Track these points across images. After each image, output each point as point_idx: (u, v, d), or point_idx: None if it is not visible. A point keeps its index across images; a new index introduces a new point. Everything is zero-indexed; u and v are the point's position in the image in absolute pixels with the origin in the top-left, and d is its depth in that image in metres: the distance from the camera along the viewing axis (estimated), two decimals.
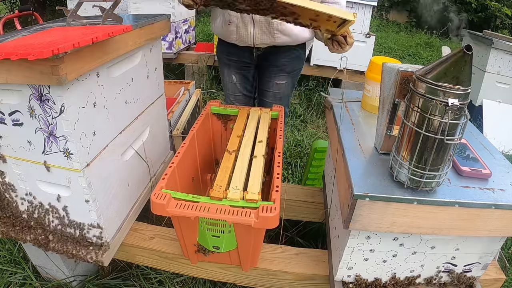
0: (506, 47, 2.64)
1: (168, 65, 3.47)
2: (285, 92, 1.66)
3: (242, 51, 1.55)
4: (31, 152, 0.95)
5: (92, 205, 1.00)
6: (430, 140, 0.77)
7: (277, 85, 1.62)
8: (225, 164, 1.10)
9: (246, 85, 1.69)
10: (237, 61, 1.60)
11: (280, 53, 1.54)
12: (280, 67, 1.57)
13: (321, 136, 2.67)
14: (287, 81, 1.62)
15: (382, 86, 0.94)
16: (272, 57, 1.55)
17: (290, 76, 1.61)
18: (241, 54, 1.56)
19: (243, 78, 1.66)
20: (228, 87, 1.71)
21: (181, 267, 1.19)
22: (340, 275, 1.01)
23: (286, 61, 1.56)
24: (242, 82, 1.67)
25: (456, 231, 0.86)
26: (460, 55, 0.68)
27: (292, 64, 1.59)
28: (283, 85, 1.63)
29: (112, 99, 1.04)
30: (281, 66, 1.57)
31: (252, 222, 0.89)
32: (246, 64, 1.61)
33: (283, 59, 1.55)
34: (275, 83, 1.62)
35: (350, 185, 0.85)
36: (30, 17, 3.41)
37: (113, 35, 0.87)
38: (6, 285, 1.32)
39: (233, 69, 1.63)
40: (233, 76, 1.65)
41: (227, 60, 1.62)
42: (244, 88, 1.69)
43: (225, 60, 1.63)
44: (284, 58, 1.55)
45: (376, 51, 4.57)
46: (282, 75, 1.60)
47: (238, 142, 1.23)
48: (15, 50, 0.71)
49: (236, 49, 1.54)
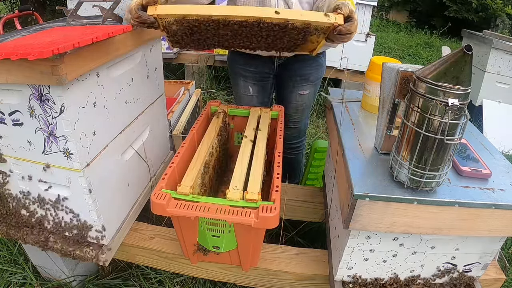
0: (506, 47, 2.64)
1: (168, 65, 3.47)
2: (307, 103, 1.55)
3: (262, 61, 1.44)
4: (31, 152, 0.95)
5: (92, 205, 1.00)
6: (430, 140, 0.77)
7: (300, 96, 1.51)
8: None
9: (263, 97, 1.58)
10: (256, 71, 1.48)
11: (305, 61, 1.43)
12: (305, 76, 1.47)
13: (321, 136, 2.67)
14: (310, 90, 1.51)
15: (382, 86, 0.94)
16: (296, 65, 1.44)
17: (314, 85, 1.51)
18: (260, 64, 1.45)
19: (261, 89, 1.55)
20: (243, 99, 1.58)
21: (181, 267, 1.19)
22: (340, 275, 1.01)
23: (311, 69, 1.46)
24: (259, 94, 1.56)
25: (456, 231, 0.86)
26: (460, 55, 0.68)
27: (317, 72, 1.49)
28: (306, 96, 1.52)
29: (112, 99, 1.04)
30: (306, 75, 1.46)
31: (252, 222, 0.89)
32: (265, 75, 1.49)
33: (308, 67, 1.45)
34: (299, 94, 1.50)
35: (350, 185, 0.85)
36: (30, 17, 3.41)
37: (113, 35, 0.87)
38: (6, 285, 1.32)
39: (250, 81, 1.51)
40: (250, 88, 1.53)
41: (243, 71, 1.50)
42: (261, 100, 1.58)
43: (241, 71, 1.51)
44: (309, 66, 1.45)
45: (376, 51, 4.56)
46: (306, 85, 1.49)
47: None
48: (15, 50, 0.71)
49: (255, 59, 1.43)
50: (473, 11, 5.78)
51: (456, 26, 5.84)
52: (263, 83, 1.53)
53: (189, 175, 1.04)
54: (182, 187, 0.98)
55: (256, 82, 1.52)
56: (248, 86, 1.53)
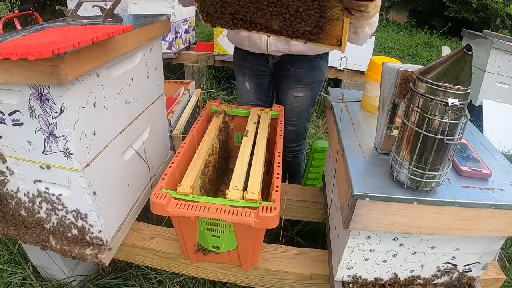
0: (506, 47, 2.64)
1: (168, 65, 3.47)
2: (304, 106, 1.54)
3: (257, 58, 1.47)
4: (31, 152, 0.95)
5: (92, 205, 1.00)
6: (430, 140, 0.77)
7: (295, 98, 1.51)
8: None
9: (260, 95, 1.59)
10: (251, 68, 1.52)
11: (297, 62, 1.43)
12: (298, 77, 1.46)
13: (321, 136, 2.67)
14: (306, 94, 1.50)
15: (382, 86, 0.94)
16: (289, 66, 1.44)
17: (309, 88, 1.49)
18: (255, 61, 1.48)
19: (257, 86, 1.57)
20: (242, 95, 1.64)
21: (181, 267, 1.19)
22: (340, 275, 1.01)
23: (305, 71, 1.44)
24: (256, 91, 1.58)
25: (456, 231, 0.86)
26: (460, 55, 0.68)
27: (311, 75, 1.46)
28: (301, 99, 1.51)
29: (112, 99, 1.04)
30: (299, 77, 1.46)
31: (252, 222, 0.89)
32: (261, 72, 1.52)
33: (301, 69, 1.44)
34: (293, 96, 1.50)
35: (350, 185, 0.85)
36: (30, 17, 3.41)
37: (113, 35, 0.87)
38: (6, 285, 1.32)
39: (247, 77, 1.56)
40: (246, 84, 1.57)
41: (241, 67, 1.56)
42: (258, 97, 1.60)
43: (239, 67, 1.57)
44: (302, 68, 1.44)
45: (376, 51, 4.56)
46: (300, 87, 1.48)
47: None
48: (15, 50, 0.71)
49: (251, 56, 1.47)
50: (473, 11, 5.78)
51: (456, 26, 5.84)
52: (259, 80, 1.56)
53: (189, 175, 1.04)
54: (182, 187, 0.98)
55: (252, 78, 1.56)
56: (245, 81, 1.58)
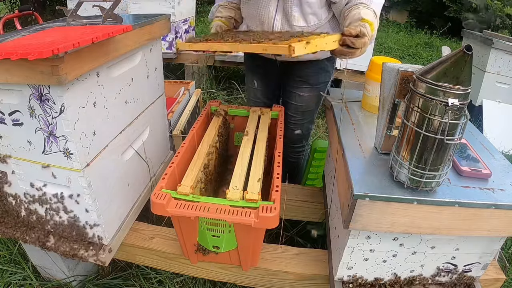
0: (506, 47, 2.64)
1: (168, 65, 3.47)
2: (308, 106, 1.56)
3: (267, 60, 1.50)
4: (31, 152, 0.95)
5: (92, 205, 1.00)
6: (430, 140, 0.77)
7: (300, 97, 1.53)
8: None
9: (267, 93, 1.64)
10: (260, 66, 1.56)
11: (303, 63, 1.45)
12: (304, 78, 1.48)
13: (321, 136, 2.67)
14: (311, 94, 1.52)
15: (382, 86, 0.94)
16: (295, 66, 1.47)
17: (314, 89, 1.51)
18: (264, 60, 1.51)
19: (264, 85, 1.62)
20: (249, 92, 1.69)
21: (181, 267, 1.19)
22: (340, 275, 1.01)
23: (310, 72, 1.47)
24: (263, 89, 1.63)
25: (456, 231, 0.86)
26: (460, 55, 0.68)
27: (317, 76, 1.48)
28: (306, 98, 1.53)
29: (112, 99, 1.04)
30: (305, 77, 1.48)
31: (252, 222, 0.89)
32: (269, 71, 1.56)
33: (307, 69, 1.46)
34: (298, 95, 1.53)
35: (350, 185, 0.85)
36: (30, 17, 3.41)
37: (113, 35, 0.87)
38: (6, 285, 1.32)
39: (256, 75, 1.61)
40: (254, 82, 1.62)
41: (251, 65, 1.61)
42: (265, 95, 1.64)
43: (249, 64, 1.62)
44: (308, 69, 1.46)
45: (376, 51, 4.56)
46: (305, 87, 1.50)
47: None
48: (15, 50, 0.71)
49: (261, 59, 1.51)
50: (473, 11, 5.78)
51: (456, 26, 5.84)
52: (267, 79, 1.61)
53: (189, 175, 1.04)
54: (182, 187, 0.98)
55: (259, 76, 1.61)
56: (253, 79, 1.63)
